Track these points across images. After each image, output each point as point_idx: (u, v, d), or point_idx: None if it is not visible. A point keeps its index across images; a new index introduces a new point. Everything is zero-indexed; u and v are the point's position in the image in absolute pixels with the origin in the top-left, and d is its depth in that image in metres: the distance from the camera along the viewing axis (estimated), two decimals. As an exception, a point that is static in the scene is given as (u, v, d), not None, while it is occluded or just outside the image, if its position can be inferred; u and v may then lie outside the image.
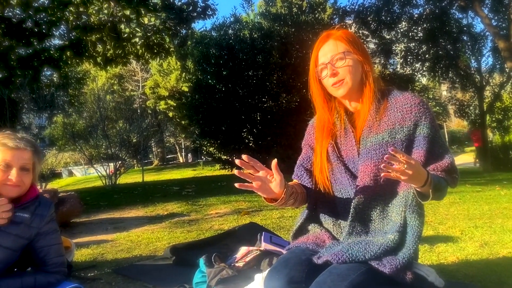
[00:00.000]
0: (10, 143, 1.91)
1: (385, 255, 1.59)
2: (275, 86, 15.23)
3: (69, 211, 5.28)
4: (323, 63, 1.74)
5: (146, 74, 30.74)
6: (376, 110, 1.73)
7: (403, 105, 1.71)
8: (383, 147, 1.67)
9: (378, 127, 1.71)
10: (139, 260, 3.63)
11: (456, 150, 34.13)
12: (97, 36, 9.66)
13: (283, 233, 4.36)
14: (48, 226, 2.09)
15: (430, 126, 1.68)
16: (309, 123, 2.01)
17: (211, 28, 17.17)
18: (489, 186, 8.33)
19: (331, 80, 1.73)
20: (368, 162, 1.68)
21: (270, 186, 1.61)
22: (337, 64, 1.71)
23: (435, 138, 1.69)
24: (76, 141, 13.72)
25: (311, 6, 15.74)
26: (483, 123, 19.22)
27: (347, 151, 1.78)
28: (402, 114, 1.70)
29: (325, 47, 1.75)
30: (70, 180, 26.64)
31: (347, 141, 1.78)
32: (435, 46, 18.05)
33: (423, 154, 1.66)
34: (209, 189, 9.17)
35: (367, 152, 1.70)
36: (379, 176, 1.65)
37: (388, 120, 1.71)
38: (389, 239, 1.62)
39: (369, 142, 1.71)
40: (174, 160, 39.81)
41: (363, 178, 1.68)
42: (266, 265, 2.58)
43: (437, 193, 1.62)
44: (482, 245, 3.61)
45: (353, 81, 1.73)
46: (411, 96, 1.73)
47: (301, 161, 1.96)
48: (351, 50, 1.73)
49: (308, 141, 1.96)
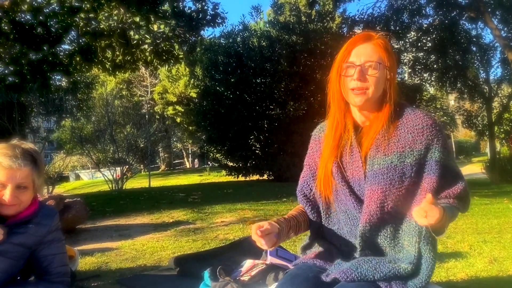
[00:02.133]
0: (5, 162, 1.82)
1: (395, 279, 1.55)
2: (282, 94, 15.22)
3: (74, 218, 5.26)
4: (353, 62, 1.60)
5: (154, 80, 30.89)
6: (386, 129, 1.62)
7: (415, 125, 1.61)
8: (391, 171, 1.58)
9: (386, 148, 1.61)
10: (143, 270, 3.60)
11: (463, 160, 33.93)
12: (107, 42, 9.71)
13: (289, 243, 4.32)
14: (52, 235, 2.04)
15: (442, 150, 1.60)
16: (313, 135, 1.90)
17: (219, 36, 17.22)
18: (497, 199, 8.25)
19: (353, 83, 1.59)
20: (375, 187, 1.59)
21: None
22: (367, 71, 1.59)
23: (447, 162, 1.61)
24: (83, 145, 13.77)
25: (320, 15, 15.74)
26: (491, 134, 19.09)
27: (352, 171, 1.67)
28: (413, 136, 1.60)
29: (362, 48, 1.61)
30: (77, 183, 26.76)
31: (353, 160, 1.67)
32: (443, 56, 17.95)
33: (435, 180, 1.58)
34: (215, 196, 9.14)
35: (374, 176, 1.60)
36: (387, 202, 1.58)
37: (397, 141, 1.61)
38: (402, 268, 1.56)
39: (376, 164, 1.61)
40: (181, 166, 39.90)
41: (370, 204, 1.60)
42: (271, 279, 2.53)
43: (450, 223, 1.56)
44: (491, 261, 3.56)
45: (374, 94, 1.61)
46: (423, 116, 1.63)
47: (301, 186, 1.89)
48: (385, 63, 1.61)
49: (310, 160, 1.87)
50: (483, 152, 38.29)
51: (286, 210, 6.75)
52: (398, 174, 1.58)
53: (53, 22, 10.06)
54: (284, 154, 14.68)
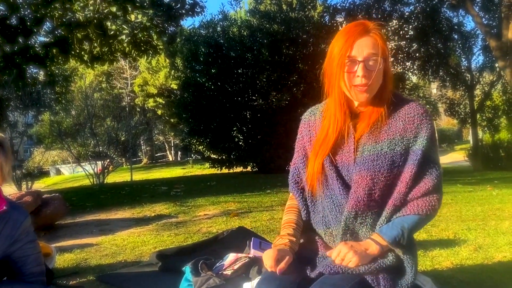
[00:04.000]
0: None
1: (382, 272, 1.52)
2: (265, 84, 15.12)
3: (53, 213, 5.14)
4: (355, 57, 1.55)
5: (134, 72, 30.53)
6: (380, 118, 1.63)
7: (406, 114, 1.62)
8: (381, 158, 1.58)
9: (378, 135, 1.61)
10: (123, 266, 3.51)
11: (446, 148, 34.39)
12: (83, 33, 9.47)
13: (273, 236, 4.27)
14: (23, 237, 2.00)
15: (429, 139, 1.60)
16: (303, 119, 1.87)
17: (199, 26, 17.03)
18: (481, 186, 8.32)
19: (357, 80, 1.55)
20: (364, 173, 1.58)
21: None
22: (370, 66, 1.56)
23: (430, 152, 1.61)
24: (63, 139, 13.55)
25: (301, 4, 15.60)
26: (474, 121, 19.31)
27: (342, 156, 1.66)
28: (404, 124, 1.61)
29: (363, 41, 1.56)
30: (58, 178, 26.42)
31: (346, 145, 1.66)
32: (425, 44, 18.06)
33: (414, 169, 1.58)
34: (198, 189, 9.06)
35: (363, 162, 1.60)
36: (374, 190, 1.58)
37: (388, 129, 1.62)
38: (387, 260, 1.56)
39: (367, 150, 1.61)
40: (164, 158, 39.68)
41: (357, 190, 1.59)
42: (255, 273, 2.48)
43: (412, 234, 1.62)
44: (476, 248, 3.55)
45: (376, 87, 1.60)
46: (415, 105, 1.65)
47: (292, 173, 1.87)
48: (385, 55, 1.59)
49: (300, 144, 1.85)
50: (466, 140, 38.85)
51: (270, 202, 6.70)
52: (387, 162, 1.58)
53: (27, 12, 9.79)
54: (268, 146, 14.61)
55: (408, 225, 1.57)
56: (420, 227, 1.66)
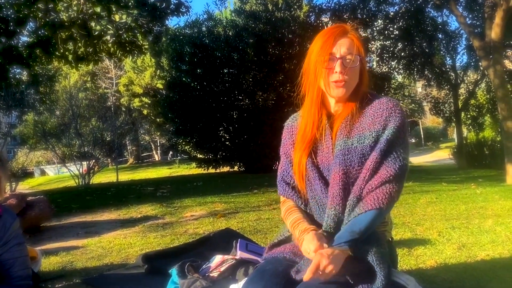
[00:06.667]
0: None
1: (363, 273, 1.55)
2: (251, 84, 15.10)
3: (38, 216, 5.07)
4: (334, 54, 1.66)
5: (120, 71, 30.33)
6: (353, 115, 1.70)
7: (377, 110, 1.69)
8: (351, 152, 1.65)
9: (349, 132, 1.69)
10: (110, 269, 3.49)
11: (431, 147, 34.72)
12: (67, 34, 9.36)
13: (260, 236, 4.29)
14: (12, 239, 2.01)
15: (396, 129, 1.64)
16: (285, 125, 1.94)
17: (184, 26, 16.96)
18: (465, 184, 8.42)
19: (335, 76, 1.65)
20: (336, 169, 1.65)
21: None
22: (347, 63, 1.66)
23: (396, 142, 1.64)
24: (48, 139, 13.42)
25: (287, 3, 15.60)
26: (458, 120, 19.52)
27: (323, 157, 1.73)
28: (373, 118, 1.68)
29: (342, 41, 1.67)
30: (42, 179, 26.15)
31: (325, 146, 1.73)
32: (410, 44, 18.24)
33: (375, 156, 1.61)
34: (185, 190, 9.03)
35: (336, 158, 1.67)
36: (348, 183, 1.63)
37: (359, 125, 1.69)
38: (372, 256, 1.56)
39: (339, 146, 1.67)
40: (150, 158, 39.48)
41: (333, 187, 1.65)
42: (241, 274, 2.48)
43: (370, 230, 1.60)
44: (460, 247, 3.60)
45: (353, 85, 1.70)
46: (386, 100, 1.71)
47: (281, 175, 1.90)
48: (361, 55, 1.69)
49: (285, 149, 1.89)
50: (451, 138, 39.32)
51: (257, 202, 6.72)
52: (358, 156, 1.64)
53: (10, 12, 9.65)
54: (255, 145, 14.59)
55: (361, 225, 1.56)
56: (380, 220, 1.65)
